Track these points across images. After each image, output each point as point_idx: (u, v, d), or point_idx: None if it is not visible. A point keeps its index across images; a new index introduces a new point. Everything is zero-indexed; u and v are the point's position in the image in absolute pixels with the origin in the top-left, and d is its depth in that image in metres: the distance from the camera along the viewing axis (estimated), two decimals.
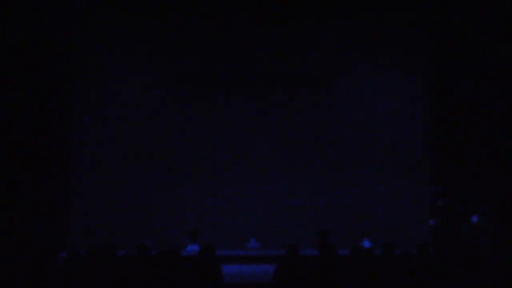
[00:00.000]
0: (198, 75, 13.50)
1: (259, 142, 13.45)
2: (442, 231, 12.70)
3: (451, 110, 12.98)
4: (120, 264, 6.57)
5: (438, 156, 13.11)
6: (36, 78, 12.49)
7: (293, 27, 13.36)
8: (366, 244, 12.19)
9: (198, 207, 13.28)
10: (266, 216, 13.28)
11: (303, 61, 13.45)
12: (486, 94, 12.64)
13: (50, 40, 12.67)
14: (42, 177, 12.34)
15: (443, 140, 13.04)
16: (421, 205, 13.18)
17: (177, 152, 13.39)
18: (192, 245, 12.14)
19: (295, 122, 13.47)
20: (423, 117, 13.35)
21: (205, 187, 13.29)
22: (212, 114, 13.49)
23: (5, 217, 11.66)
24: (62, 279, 6.21)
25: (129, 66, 13.37)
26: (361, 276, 6.14)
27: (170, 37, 13.40)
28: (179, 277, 6.26)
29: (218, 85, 13.54)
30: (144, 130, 13.35)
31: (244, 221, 13.23)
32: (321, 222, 12.56)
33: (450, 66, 13.01)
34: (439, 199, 11.12)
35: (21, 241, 11.36)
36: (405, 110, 13.42)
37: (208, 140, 13.44)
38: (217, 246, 10.12)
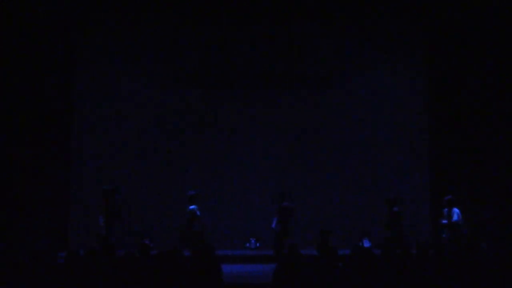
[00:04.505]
0: (198, 75, 13.50)
1: (259, 142, 13.45)
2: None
3: (451, 110, 12.98)
4: (120, 264, 6.57)
5: (438, 156, 13.11)
6: (37, 79, 12.49)
7: (294, 27, 13.37)
8: (366, 244, 12.20)
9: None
10: (266, 216, 13.25)
11: (303, 61, 13.45)
12: (486, 94, 12.64)
13: (51, 40, 12.67)
14: (42, 177, 12.33)
15: (443, 140, 13.04)
16: (421, 205, 13.18)
17: (177, 152, 13.39)
18: None
19: (295, 122, 13.47)
20: (423, 117, 13.35)
21: (205, 187, 13.27)
22: (212, 114, 13.49)
23: (5, 217, 11.65)
24: (62, 279, 6.21)
25: (129, 66, 13.38)
26: (361, 276, 6.13)
27: (170, 37, 13.40)
28: (179, 277, 6.26)
29: (219, 85, 13.54)
30: (144, 130, 13.35)
31: (244, 221, 13.23)
32: (321, 222, 12.56)
33: (450, 66, 13.00)
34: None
35: (21, 241, 11.35)
36: (405, 110, 13.43)
37: (208, 140, 13.44)
38: (217, 246, 10.11)
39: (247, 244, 13.03)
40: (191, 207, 11.26)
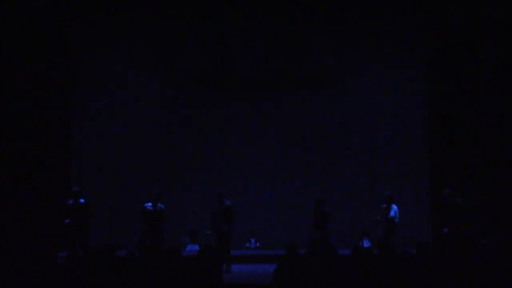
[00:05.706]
0: (199, 76, 13.50)
1: (259, 142, 13.45)
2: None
3: (451, 111, 12.97)
4: (120, 264, 6.57)
5: (438, 156, 13.10)
6: (37, 79, 12.48)
7: (294, 28, 13.36)
8: (366, 244, 12.20)
9: (198, 207, 13.27)
10: (266, 216, 13.27)
11: (304, 61, 13.45)
12: (487, 94, 12.63)
13: (52, 40, 12.67)
14: (42, 177, 12.33)
15: (443, 140, 13.03)
16: (421, 205, 13.18)
17: (177, 152, 13.39)
18: (192, 245, 12.17)
19: (296, 123, 13.47)
20: (423, 118, 13.35)
21: (205, 187, 13.27)
22: (212, 114, 13.49)
23: (6, 217, 11.65)
24: (62, 279, 6.21)
25: (129, 66, 13.38)
26: (361, 276, 6.13)
27: (171, 37, 13.40)
28: (179, 277, 6.25)
29: (218, 85, 13.53)
30: (144, 130, 13.35)
31: (244, 221, 13.21)
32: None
33: (451, 67, 12.99)
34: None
35: (21, 241, 11.35)
36: (405, 111, 13.43)
37: (208, 141, 13.44)
38: None
39: (247, 244, 13.03)
40: (160, 205, 11.12)
